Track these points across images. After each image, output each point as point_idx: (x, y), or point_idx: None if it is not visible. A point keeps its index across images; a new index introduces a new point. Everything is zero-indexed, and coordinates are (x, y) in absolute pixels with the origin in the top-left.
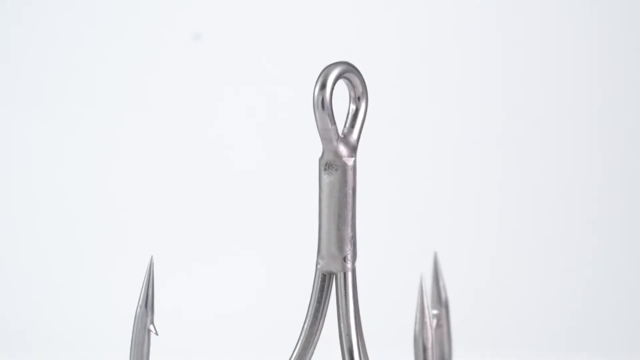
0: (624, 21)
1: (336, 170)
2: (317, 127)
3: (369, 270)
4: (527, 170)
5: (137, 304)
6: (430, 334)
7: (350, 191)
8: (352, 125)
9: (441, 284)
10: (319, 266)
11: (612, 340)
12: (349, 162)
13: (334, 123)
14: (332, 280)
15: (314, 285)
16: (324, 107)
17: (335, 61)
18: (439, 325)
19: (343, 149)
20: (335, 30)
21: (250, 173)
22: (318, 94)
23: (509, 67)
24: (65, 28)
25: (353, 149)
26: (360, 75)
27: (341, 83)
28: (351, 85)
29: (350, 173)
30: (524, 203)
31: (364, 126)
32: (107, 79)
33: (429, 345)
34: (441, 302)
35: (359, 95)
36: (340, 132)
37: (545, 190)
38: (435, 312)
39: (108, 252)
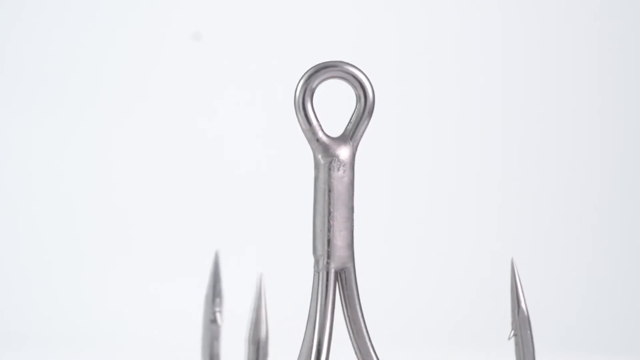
0: (624, 21)
1: (317, 169)
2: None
3: (370, 270)
4: (527, 170)
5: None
6: (264, 332)
7: (330, 192)
8: (352, 125)
9: (519, 292)
10: (315, 266)
11: (612, 340)
12: (324, 162)
13: (312, 123)
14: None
15: (312, 285)
16: (303, 108)
17: (326, 61)
18: (514, 334)
19: (324, 149)
20: (337, 30)
21: (252, 173)
22: (298, 95)
23: (509, 67)
24: (65, 28)
25: (337, 149)
26: (359, 76)
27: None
28: (353, 86)
29: (333, 174)
30: (524, 203)
31: (365, 127)
32: (107, 80)
33: (261, 344)
34: (518, 311)
35: (358, 95)
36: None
37: (545, 190)
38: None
39: (108, 252)
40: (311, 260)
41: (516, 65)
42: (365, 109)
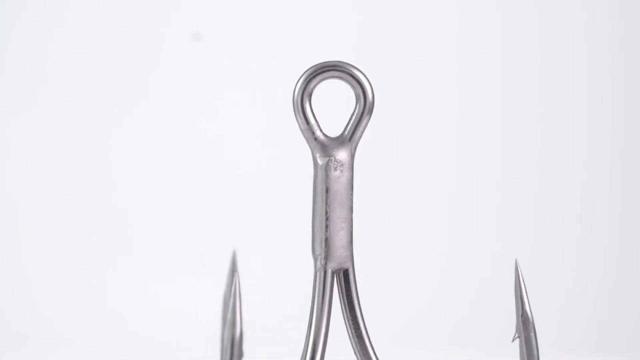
0: (624, 21)
1: (315, 169)
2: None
3: (370, 270)
4: (527, 170)
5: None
6: (238, 331)
7: (327, 192)
8: (351, 125)
9: (523, 294)
10: (314, 266)
11: (612, 340)
12: (321, 161)
13: (310, 122)
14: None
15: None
16: (301, 107)
17: (324, 61)
18: (517, 337)
19: (322, 148)
20: (337, 30)
21: (252, 173)
22: (296, 95)
23: (509, 67)
24: (65, 28)
25: (335, 149)
26: (358, 75)
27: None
28: (352, 85)
29: (330, 174)
30: (524, 203)
31: (364, 127)
32: (107, 80)
33: (235, 343)
34: (522, 313)
35: (357, 95)
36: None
37: (545, 190)
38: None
39: (108, 252)
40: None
41: (516, 66)
42: (364, 109)
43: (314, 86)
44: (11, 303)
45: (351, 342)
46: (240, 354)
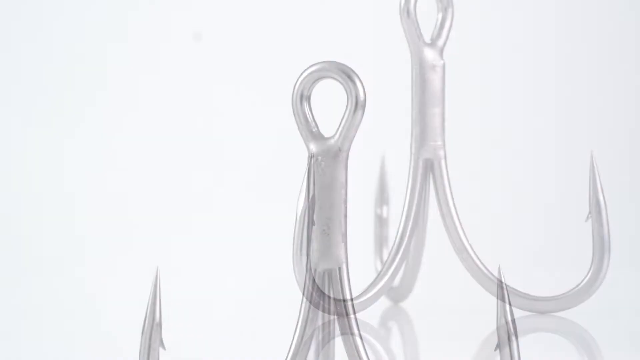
0: (624, 21)
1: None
2: None
3: (369, 269)
4: (527, 170)
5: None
6: (158, 319)
7: (315, 192)
8: (344, 124)
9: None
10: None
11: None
12: (313, 160)
13: (308, 121)
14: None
15: None
16: (299, 107)
17: (317, 62)
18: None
19: (315, 147)
20: (338, 30)
21: (252, 173)
22: (295, 95)
23: (509, 66)
24: (65, 28)
25: (326, 148)
26: (349, 73)
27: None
28: (343, 84)
29: (318, 173)
30: (524, 204)
31: (357, 126)
32: (107, 80)
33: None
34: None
35: (349, 93)
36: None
37: (545, 191)
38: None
39: (108, 252)
40: None
41: (516, 65)
42: (356, 105)
43: (310, 86)
44: (11, 303)
45: (344, 342)
46: (160, 343)
